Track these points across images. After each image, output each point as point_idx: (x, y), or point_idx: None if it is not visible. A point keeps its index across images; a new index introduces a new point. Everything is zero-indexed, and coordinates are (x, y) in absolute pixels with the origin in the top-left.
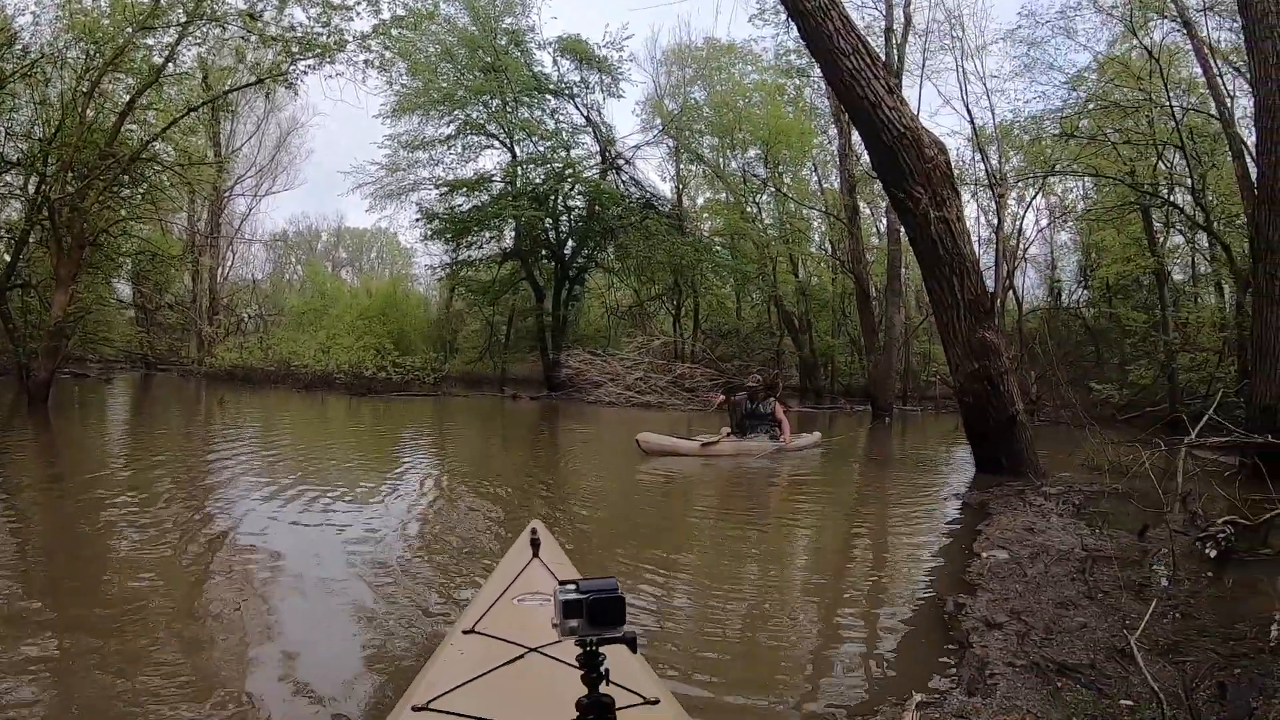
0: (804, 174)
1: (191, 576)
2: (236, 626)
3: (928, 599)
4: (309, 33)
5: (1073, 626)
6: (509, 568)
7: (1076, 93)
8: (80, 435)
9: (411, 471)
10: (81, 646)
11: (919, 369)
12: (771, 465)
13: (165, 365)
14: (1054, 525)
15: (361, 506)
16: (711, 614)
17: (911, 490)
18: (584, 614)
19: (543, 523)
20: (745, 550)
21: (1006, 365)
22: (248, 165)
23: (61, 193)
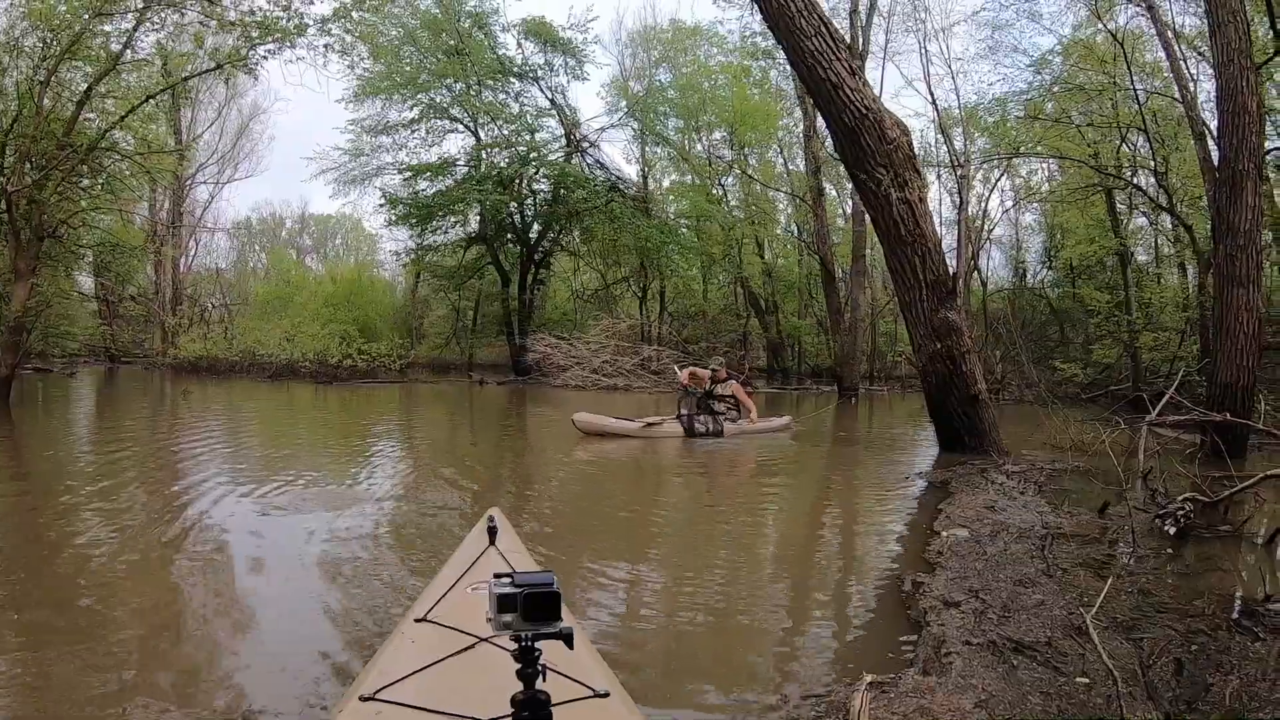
0: (770, 156)
1: (157, 571)
2: (200, 621)
3: (888, 579)
4: (268, 17)
5: (1030, 604)
6: (464, 556)
7: (1041, 76)
8: (43, 431)
9: (378, 460)
10: (48, 645)
11: (885, 349)
12: (738, 447)
13: (129, 358)
14: (1015, 503)
15: (327, 496)
16: (672, 600)
17: (876, 470)
18: (518, 608)
19: (501, 511)
20: (710, 533)
21: (969, 345)
22: (209, 153)
23: (19, 184)
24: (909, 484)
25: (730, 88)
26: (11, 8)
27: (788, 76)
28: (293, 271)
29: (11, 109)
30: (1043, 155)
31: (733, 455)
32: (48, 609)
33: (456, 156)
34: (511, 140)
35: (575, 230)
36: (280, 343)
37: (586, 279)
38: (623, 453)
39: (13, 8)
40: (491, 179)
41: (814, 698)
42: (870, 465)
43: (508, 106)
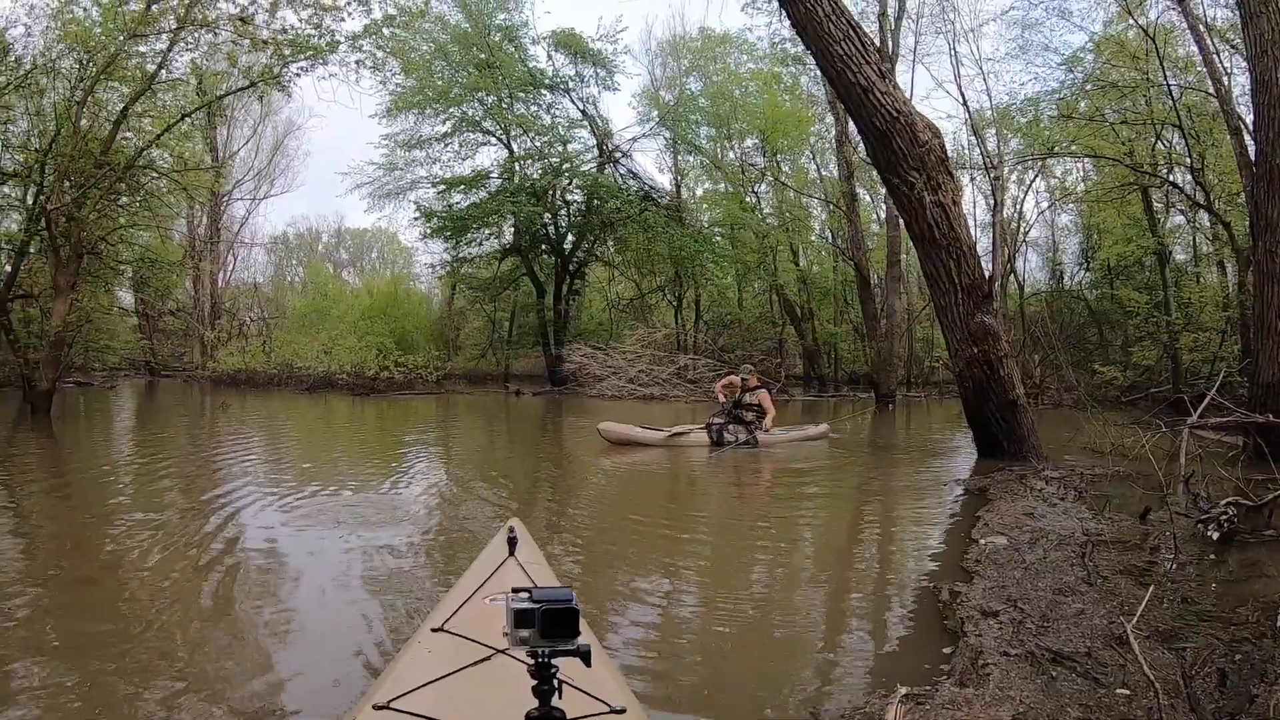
0: (802, 162)
1: (190, 579)
2: (224, 623)
3: (925, 588)
4: (300, 35)
5: (1070, 613)
6: (483, 566)
7: (1073, 74)
8: (85, 442)
9: (411, 470)
10: (80, 647)
11: (922, 354)
12: (771, 455)
13: (169, 371)
14: (1054, 510)
15: (360, 506)
16: (703, 610)
17: (913, 477)
18: (536, 624)
19: (521, 521)
20: (742, 543)
21: (1006, 349)
22: (245, 169)
23: (59, 202)
24: (946, 491)
25: (761, 95)
26: (48, 30)
27: (818, 82)
28: (329, 285)
29: (50, 129)
30: (1077, 155)
31: (766, 464)
32: (85, 614)
33: (490, 169)
34: (544, 152)
35: (609, 240)
36: (318, 355)
37: (621, 288)
38: (652, 462)
39: (49, 30)
40: (525, 191)
41: (849, 710)
42: (907, 472)
43: (539, 118)
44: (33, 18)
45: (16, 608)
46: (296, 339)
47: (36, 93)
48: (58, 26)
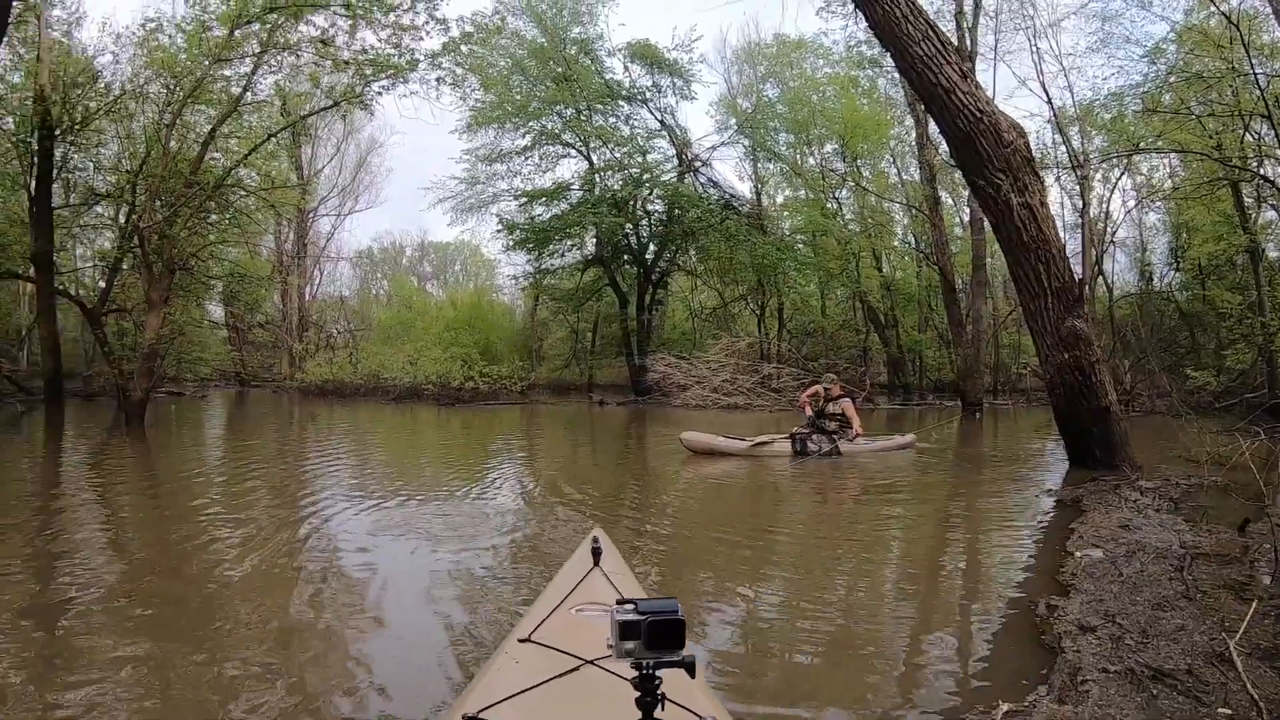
0: (882, 166)
1: (275, 581)
2: (312, 627)
3: (1019, 601)
4: (381, 54)
5: (1169, 629)
6: (568, 576)
7: (1156, 66)
8: (176, 450)
9: (496, 479)
10: (169, 640)
11: (1008, 361)
12: (856, 465)
13: (258, 382)
14: (1150, 521)
15: (444, 514)
16: (788, 624)
17: (1003, 487)
18: (641, 636)
19: (604, 531)
20: (827, 555)
21: (1098, 354)
22: (330, 186)
23: (150, 221)
24: (1037, 501)
25: (839, 99)
26: (135, 57)
27: (896, 84)
28: (414, 297)
29: (140, 151)
30: (1163, 150)
31: (850, 474)
32: (172, 608)
33: (570, 181)
34: (624, 163)
35: (691, 249)
36: (403, 366)
37: (704, 298)
38: (735, 473)
39: (136, 57)
40: (606, 202)
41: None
42: (996, 482)
43: (618, 129)
44: (120, 46)
45: (105, 604)
46: (382, 350)
47: (126, 117)
48: (144, 54)
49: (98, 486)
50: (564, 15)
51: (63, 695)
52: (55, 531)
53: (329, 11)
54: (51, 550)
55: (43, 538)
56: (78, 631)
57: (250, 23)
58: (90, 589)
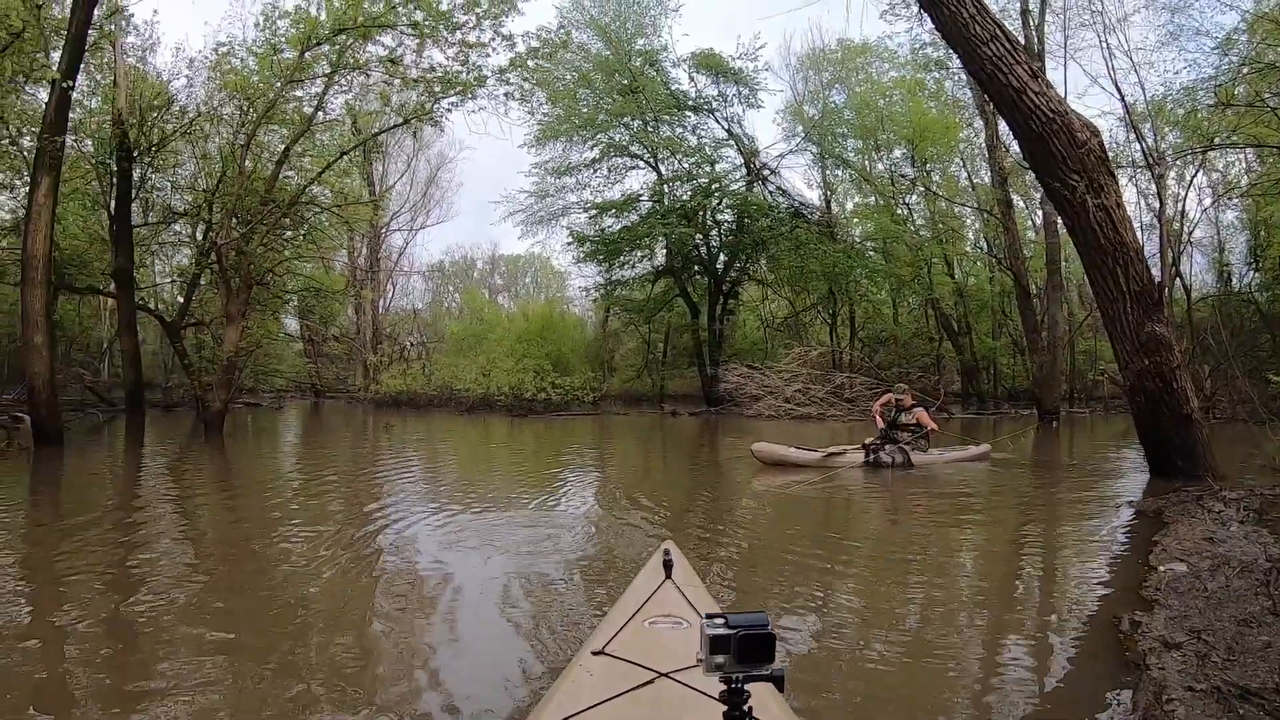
0: (952, 170)
1: (345, 588)
2: (385, 636)
3: (1101, 616)
4: (449, 72)
5: (1256, 646)
6: (641, 589)
7: (1228, 57)
8: (253, 459)
9: (569, 491)
10: (245, 645)
11: (1085, 368)
12: (930, 476)
13: (333, 393)
14: (1235, 534)
15: (516, 524)
16: (859, 639)
17: (1082, 498)
18: (732, 650)
19: (676, 544)
20: (900, 569)
21: (1179, 360)
22: (401, 202)
23: (227, 238)
24: (1118, 513)
25: (906, 103)
26: (209, 80)
27: (963, 85)
28: (486, 310)
29: (215, 170)
30: (1238, 145)
31: (924, 486)
32: (247, 619)
33: (639, 192)
34: (692, 173)
35: (761, 259)
36: (476, 378)
37: (775, 307)
38: (807, 484)
39: (210, 80)
40: (675, 212)
41: None
42: (1075, 493)
43: (685, 140)
44: (193, 70)
45: (180, 613)
46: (455, 362)
47: (201, 138)
48: (217, 77)
49: (177, 495)
50: (628, 28)
51: (134, 705)
52: (134, 539)
53: (396, 31)
54: (130, 558)
55: (122, 545)
56: (152, 640)
57: (319, 44)
58: (166, 598)
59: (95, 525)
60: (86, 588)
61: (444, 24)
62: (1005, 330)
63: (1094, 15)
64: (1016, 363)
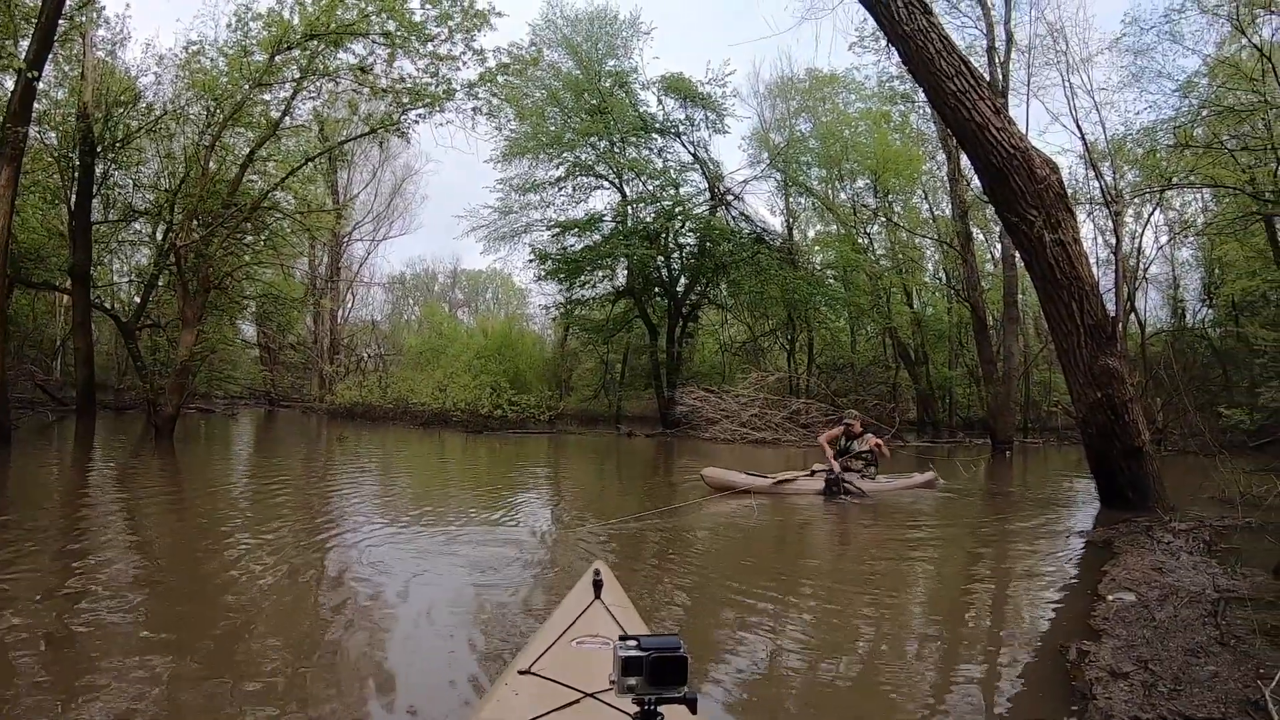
0: (914, 201)
1: (288, 599)
2: (319, 649)
3: (1048, 645)
4: (418, 83)
5: (1203, 676)
6: (570, 608)
7: (1188, 100)
8: (203, 466)
9: (519, 509)
10: (187, 660)
11: (1039, 399)
12: (880, 503)
13: (288, 402)
14: (1183, 564)
15: (465, 541)
16: (812, 662)
17: (1033, 527)
18: (644, 672)
19: (606, 564)
20: (853, 595)
21: (1131, 393)
22: (365, 212)
23: (187, 239)
24: (1068, 542)
25: (871, 134)
26: (177, 79)
27: (928, 119)
28: (445, 324)
29: (179, 171)
30: (1195, 185)
31: (875, 512)
32: (190, 625)
33: (603, 212)
34: (656, 195)
35: (722, 283)
36: (432, 392)
37: (734, 331)
38: (757, 510)
39: (178, 79)
40: (638, 234)
41: None
42: (1027, 522)
43: (651, 162)
44: (162, 67)
45: (120, 611)
46: (412, 376)
47: (166, 137)
48: (186, 76)
49: (124, 499)
50: (599, 48)
51: (76, 709)
52: (78, 544)
53: (368, 40)
54: (73, 563)
55: (65, 548)
56: (94, 643)
57: (291, 49)
58: (109, 602)
59: (37, 529)
60: (25, 589)
61: (416, 35)
62: (961, 360)
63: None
64: (972, 392)
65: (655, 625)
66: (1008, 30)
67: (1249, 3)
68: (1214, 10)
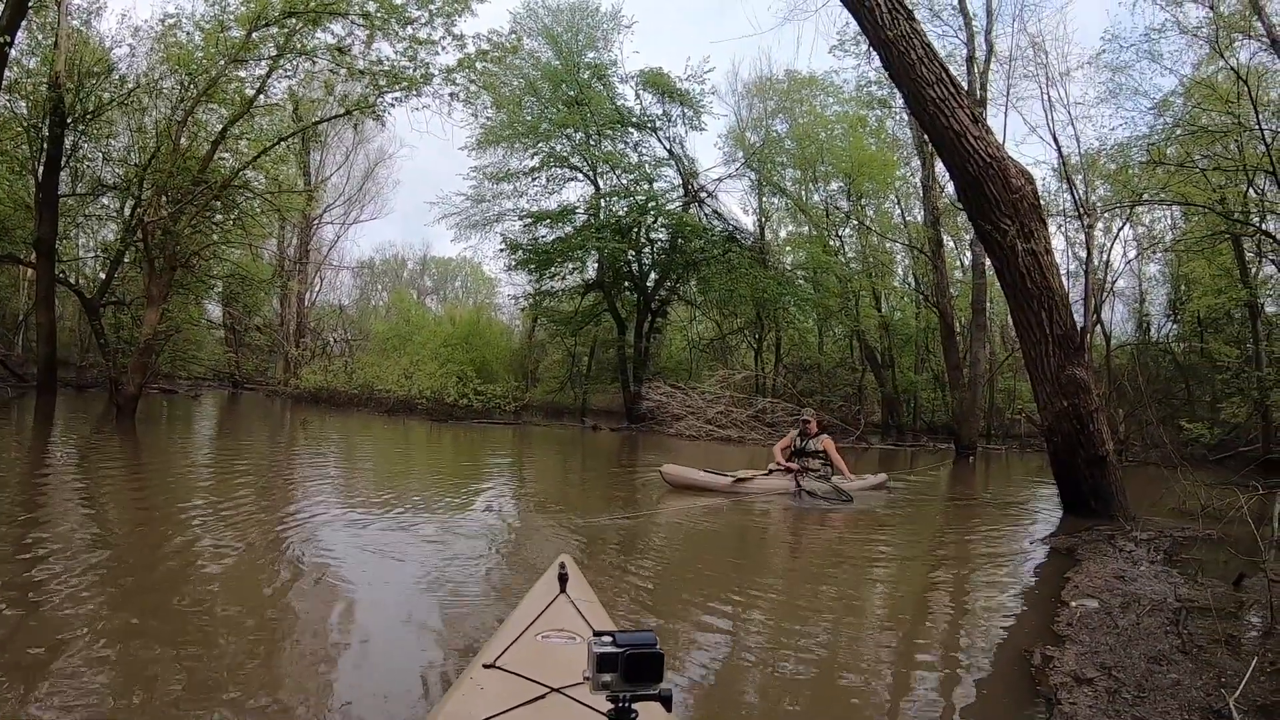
0: (887, 206)
1: (249, 586)
2: (280, 639)
3: (1012, 650)
4: (396, 66)
5: (1166, 684)
6: (535, 602)
7: (1163, 118)
8: (165, 447)
9: (481, 499)
10: (148, 647)
11: (1004, 406)
12: (840, 506)
13: (252, 385)
14: (1145, 573)
15: (427, 531)
16: (772, 667)
17: (995, 533)
18: (619, 668)
19: (571, 558)
20: (809, 597)
21: (1097, 403)
22: (336, 194)
23: (155, 216)
24: (1031, 549)
25: (846, 137)
26: (152, 52)
27: (904, 124)
28: (413, 311)
29: (150, 145)
30: (1166, 202)
31: (836, 515)
32: (140, 609)
33: (576, 204)
34: (630, 189)
35: (692, 279)
36: (398, 379)
37: (702, 328)
38: (720, 507)
39: (153, 52)
40: (610, 227)
41: None
42: (990, 528)
43: (626, 156)
44: (137, 39)
45: (75, 597)
46: (378, 362)
47: (138, 110)
48: (161, 49)
49: (83, 479)
50: (579, 39)
51: (33, 695)
52: (35, 525)
53: (347, 20)
54: (29, 546)
55: (22, 532)
56: (50, 629)
57: (268, 26)
58: (65, 586)
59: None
60: None
61: (396, 18)
62: (928, 365)
63: (1038, 67)
64: (937, 397)
65: (620, 621)
66: (989, 41)
67: (1229, 26)
68: (1194, 32)
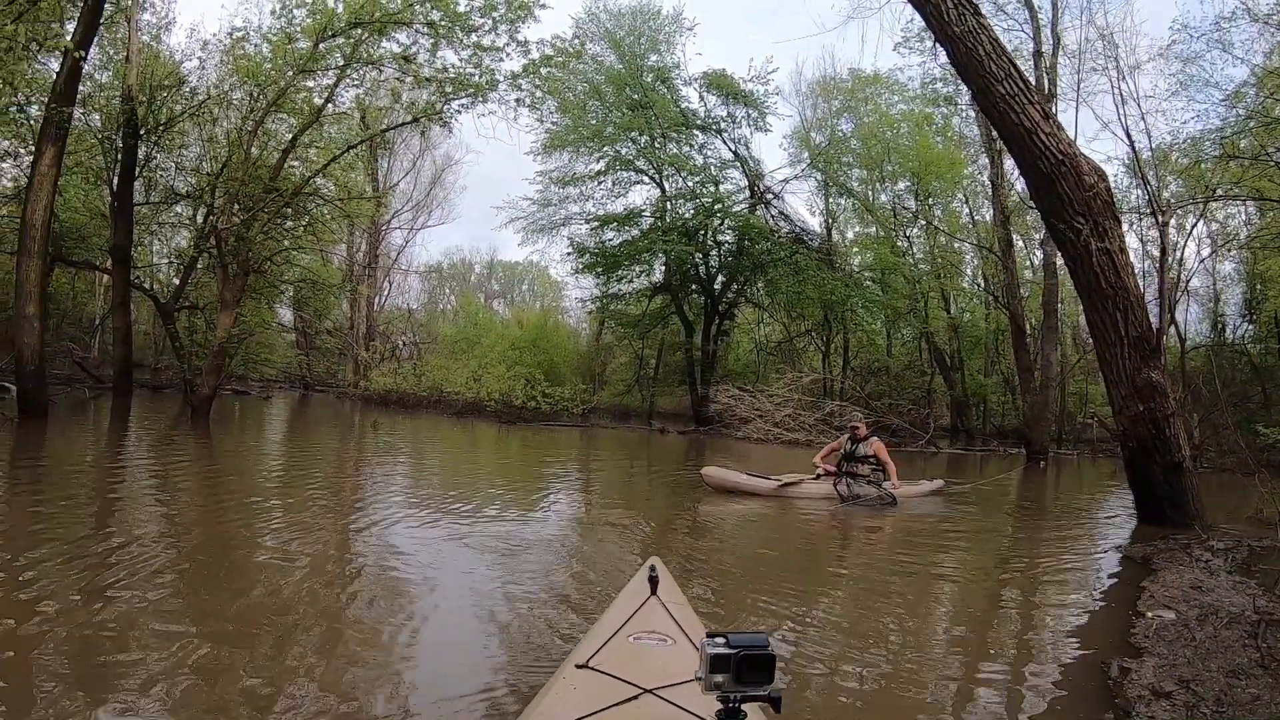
0: (955, 206)
1: (326, 588)
2: (362, 641)
3: (1087, 662)
4: (461, 73)
5: (1245, 699)
6: (626, 604)
7: (1235, 110)
8: (238, 447)
9: (553, 501)
10: (217, 646)
11: (1075, 410)
12: (901, 512)
13: (323, 387)
14: (1222, 584)
15: (501, 532)
16: (843, 673)
17: (1068, 540)
18: (731, 669)
19: (662, 560)
20: (883, 604)
21: (1173, 407)
22: (404, 200)
23: (228, 223)
24: (1105, 558)
25: (913, 136)
26: (221, 64)
27: (970, 122)
28: (480, 314)
29: (221, 155)
30: (1240, 197)
31: (900, 521)
32: (222, 611)
33: (642, 207)
34: (696, 192)
35: (759, 282)
36: (467, 382)
37: (769, 331)
38: (780, 512)
39: (222, 64)
40: (676, 230)
41: None
42: (1062, 535)
43: (691, 158)
44: (206, 53)
45: (153, 602)
46: (446, 364)
47: (209, 121)
48: (230, 61)
49: (159, 478)
50: (642, 43)
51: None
52: (112, 522)
53: (412, 29)
54: (104, 544)
55: (100, 529)
56: (123, 626)
57: (335, 36)
58: (139, 584)
59: (72, 506)
60: (57, 571)
61: (460, 25)
62: (997, 368)
63: (1107, 60)
64: (1006, 401)
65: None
66: (1055, 34)
67: None
68: (1265, 19)
